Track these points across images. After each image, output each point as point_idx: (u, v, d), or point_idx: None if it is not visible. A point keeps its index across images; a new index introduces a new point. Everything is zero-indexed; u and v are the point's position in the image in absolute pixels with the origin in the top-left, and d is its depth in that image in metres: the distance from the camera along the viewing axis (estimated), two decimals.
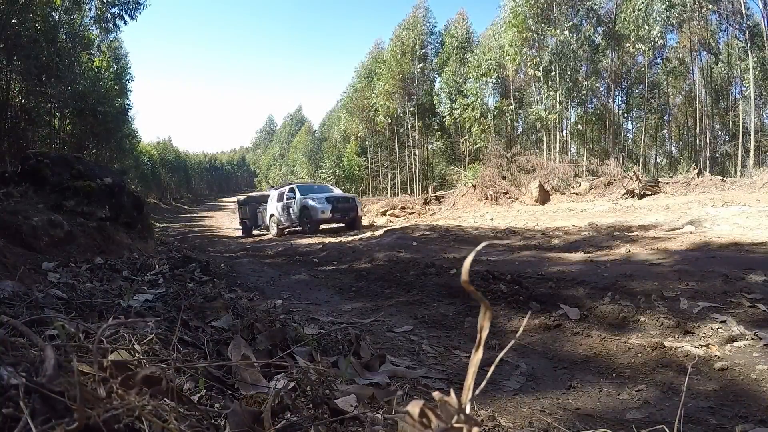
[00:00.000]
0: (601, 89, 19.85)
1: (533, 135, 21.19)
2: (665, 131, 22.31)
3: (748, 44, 15.75)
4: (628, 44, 17.34)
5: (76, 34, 15.68)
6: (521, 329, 2.07)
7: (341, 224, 11.73)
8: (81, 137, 17.89)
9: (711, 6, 15.90)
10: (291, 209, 11.83)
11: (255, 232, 14.39)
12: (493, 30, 21.38)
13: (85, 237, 3.52)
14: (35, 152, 4.89)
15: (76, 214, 3.88)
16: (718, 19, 17.22)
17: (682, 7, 15.74)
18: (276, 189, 13.83)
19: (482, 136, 20.46)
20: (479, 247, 0.40)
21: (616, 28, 17.93)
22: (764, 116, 17.74)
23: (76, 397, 0.53)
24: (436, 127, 25.43)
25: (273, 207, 12.82)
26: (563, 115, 18.61)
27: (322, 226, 11.61)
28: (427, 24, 25.47)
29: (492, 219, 10.77)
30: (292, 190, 12.21)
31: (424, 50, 25.07)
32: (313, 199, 11.08)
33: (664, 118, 20.63)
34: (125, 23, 16.18)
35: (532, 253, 4.21)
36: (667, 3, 15.93)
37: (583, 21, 18.33)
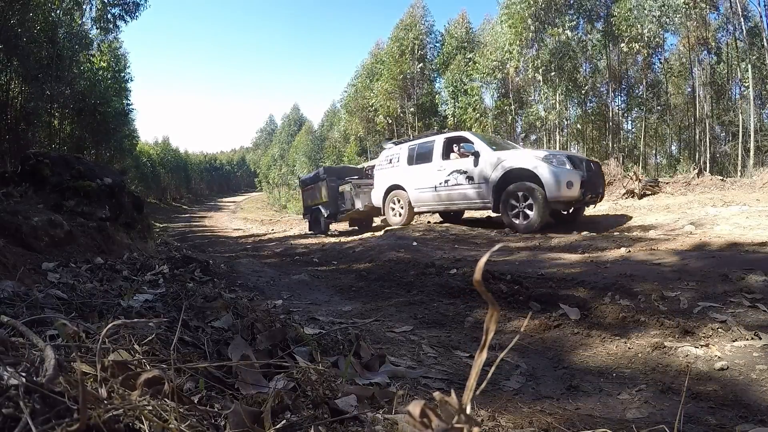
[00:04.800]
0: (602, 89, 19.87)
1: (533, 135, 21.19)
2: (665, 131, 22.32)
3: (747, 44, 15.76)
4: (623, 44, 17.36)
5: (76, 34, 15.68)
6: (522, 329, 2.07)
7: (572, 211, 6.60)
8: (81, 137, 17.90)
9: (705, 6, 15.90)
10: (469, 177, 6.55)
11: (333, 226, 9.73)
12: (492, 30, 21.41)
13: (85, 237, 3.52)
14: (35, 152, 4.89)
15: (76, 214, 3.89)
16: (717, 19, 17.29)
17: (678, 5, 15.73)
18: (403, 143, 8.05)
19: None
20: (495, 248, 0.40)
21: (612, 28, 17.95)
22: (764, 116, 17.74)
23: (77, 397, 0.53)
24: (436, 127, 25.44)
25: (409, 175, 7.45)
26: (563, 114, 18.62)
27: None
28: (425, 23, 25.46)
29: (491, 218, 10.76)
30: (463, 140, 7.00)
31: (422, 50, 25.05)
32: (545, 160, 5.77)
33: (665, 117, 20.64)
34: (126, 23, 16.19)
35: (532, 253, 4.21)
36: (659, 1, 15.94)
37: (581, 20, 18.38)
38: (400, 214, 7.64)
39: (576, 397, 1.44)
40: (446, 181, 6.92)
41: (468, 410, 0.38)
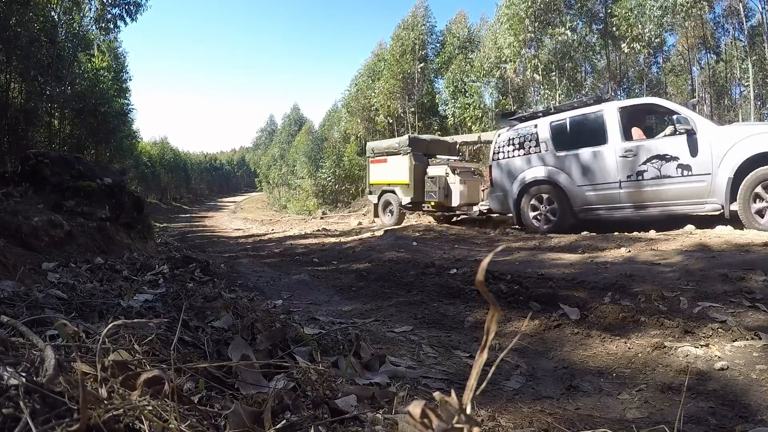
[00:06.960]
0: (602, 89, 19.88)
1: None
2: None
3: (747, 44, 15.78)
4: (623, 44, 17.37)
5: (76, 34, 15.69)
6: (522, 329, 2.07)
7: None
8: (81, 137, 17.89)
9: (705, 5, 15.90)
10: (682, 166, 4.64)
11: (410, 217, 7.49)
12: (490, 30, 21.47)
13: (85, 237, 3.52)
14: (35, 152, 4.89)
15: (76, 214, 3.89)
16: (716, 18, 17.31)
17: (681, 4, 15.73)
18: (531, 118, 5.96)
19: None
20: (498, 249, 0.40)
21: (611, 28, 17.94)
22: (764, 116, 17.73)
23: (77, 397, 0.53)
24: (436, 127, 25.41)
25: (562, 164, 5.45)
26: None
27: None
28: (427, 23, 25.56)
29: (490, 217, 10.73)
30: (651, 110, 5.53)
31: (424, 50, 25.11)
32: None
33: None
34: (125, 24, 16.18)
35: (532, 253, 4.21)
36: (659, 2, 15.94)
37: (579, 21, 18.40)
38: (549, 220, 5.56)
39: (576, 397, 1.44)
40: (639, 173, 4.89)
41: (468, 410, 0.38)
